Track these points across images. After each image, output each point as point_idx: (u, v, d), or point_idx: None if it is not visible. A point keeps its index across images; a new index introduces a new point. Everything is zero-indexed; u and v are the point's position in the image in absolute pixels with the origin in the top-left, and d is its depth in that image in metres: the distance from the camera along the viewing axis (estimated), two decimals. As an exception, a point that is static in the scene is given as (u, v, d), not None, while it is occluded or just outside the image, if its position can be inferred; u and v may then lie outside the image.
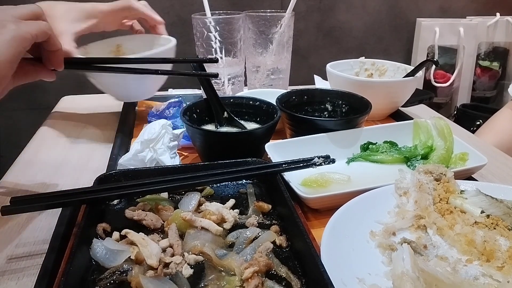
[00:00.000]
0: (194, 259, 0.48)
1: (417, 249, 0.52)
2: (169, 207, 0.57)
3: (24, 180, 0.71)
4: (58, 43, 0.53)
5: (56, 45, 0.53)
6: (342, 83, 0.95)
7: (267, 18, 0.99)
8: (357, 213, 0.56)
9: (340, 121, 0.79)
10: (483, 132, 1.18)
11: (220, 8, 1.05)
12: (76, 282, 0.44)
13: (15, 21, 0.48)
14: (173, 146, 0.72)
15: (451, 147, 0.74)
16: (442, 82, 1.89)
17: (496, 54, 1.97)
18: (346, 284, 0.44)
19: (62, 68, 0.56)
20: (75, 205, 0.59)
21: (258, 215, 0.57)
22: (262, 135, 0.73)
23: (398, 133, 0.80)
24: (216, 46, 0.99)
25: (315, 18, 1.79)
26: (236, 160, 0.64)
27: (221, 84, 1.04)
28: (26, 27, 0.48)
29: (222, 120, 0.80)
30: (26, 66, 0.55)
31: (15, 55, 0.47)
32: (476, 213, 0.56)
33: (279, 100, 0.81)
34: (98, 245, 0.48)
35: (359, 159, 0.76)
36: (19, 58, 0.48)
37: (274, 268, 0.47)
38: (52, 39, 0.52)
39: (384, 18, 1.87)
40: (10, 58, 0.46)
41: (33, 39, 0.48)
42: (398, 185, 0.61)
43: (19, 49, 0.47)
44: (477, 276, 0.47)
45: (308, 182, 0.67)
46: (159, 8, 1.58)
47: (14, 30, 0.46)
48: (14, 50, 0.46)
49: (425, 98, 1.10)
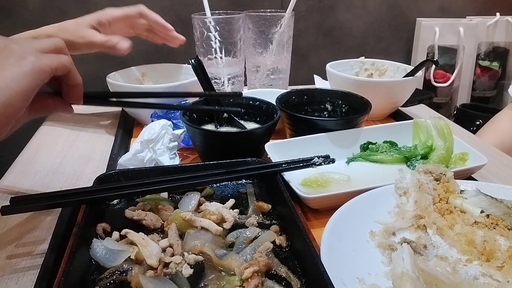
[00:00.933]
0: (194, 259, 0.48)
1: (417, 249, 0.52)
2: (169, 207, 0.57)
3: (24, 180, 0.71)
4: (78, 78, 0.52)
5: (76, 79, 0.52)
6: (342, 83, 0.95)
7: (267, 18, 0.99)
8: (357, 213, 0.56)
9: (340, 121, 0.79)
10: (484, 133, 1.18)
11: (220, 8, 1.05)
12: (76, 282, 0.43)
13: (36, 53, 0.47)
14: (173, 146, 0.72)
15: (451, 147, 0.74)
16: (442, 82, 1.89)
17: (496, 54, 1.96)
18: (346, 284, 0.44)
19: (81, 102, 0.55)
20: (75, 205, 0.59)
21: (258, 215, 0.57)
22: (262, 135, 0.73)
23: (398, 133, 0.80)
24: (216, 46, 0.99)
25: (315, 18, 1.79)
26: (236, 160, 0.64)
27: (221, 84, 1.04)
28: (46, 60, 0.47)
29: (222, 120, 0.80)
30: (44, 99, 0.53)
31: (31, 88, 0.45)
32: (476, 213, 0.56)
33: (279, 100, 0.81)
34: (98, 245, 0.48)
35: (359, 159, 0.76)
36: (35, 91, 0.46)
37: (274, 268, 0.47)
38: (72, 73, 0.51)
39: (384, 18, 1.87)
40: (25, 91, 0.45)
41: (52, 73, 0.47)
42: (398, 185, 0.61)
43: (36, 82, 0.46)
44: (477, 276, 0.47)
45: (308, 182, 0.67)
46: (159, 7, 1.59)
47: (33, 62, 0.45)
48: (30, 83, 0.45)
49: (425, 98, 1.10)
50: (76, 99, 0.54)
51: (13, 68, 0.44)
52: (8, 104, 0.43)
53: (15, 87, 0.44)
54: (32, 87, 0.45)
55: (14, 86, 0.44)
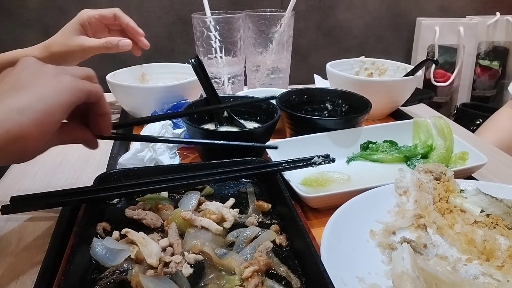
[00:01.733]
0: (194, 258, 0.48)
1: (417, 248, 0.52)
2: (169, 206, 0.57)
3: (24, 180, 0.71)
4: (108, 107, 0.53)
5: (105, 108, 0.52)
6: (342, 83, 0.95)
7: (267, 18, 0.99)
8: (357, 212, 0.56)
9: (340, 120, 0.79)
10: (483, 131, 1.18)
11: (220, 7, 1.05)
12: (76, 281, 0.43)
13: (71, 75, 0.48)
14: (173, 146, 0.72)
15: (451, 146, 0.74)
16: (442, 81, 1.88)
17: (496, 53, 1.96)
18: (346, 283, 0.44)
19: (109, 133, 0.55)
20: (75, 205, 0.59)
21: (258, 214, 0.57)
22: (262, 134, 0.73)
23: (398, 133, 0.80)
24: (216, 46, 0.99)
25: (315, 17, 1.79)
26: (235, 159, 0.64)
27: (221, 84, 1.04)
28: (82, 82, 0.48)
29: (222, 119, 0.80)
30: (73, 127, 0.52)
31: (70, 101, 0.45)
32: (476, 212, 0.56)
33: (279, 100, 0.81)
34: (98, 244, 0.48)
35: (359, 159, 0.76)
36: (71, 107, 0.46)
37: (274, 267, 0.47)
38: (102, 102, 0.51)
39: (384, 17, 1.87)
40: (64, 103, 0.45)
41: (87, 95, 0.48)
42: (398, 184, 0.61)
43: (74, 98, 0.46)
44: (477, 275, 0.47)
45: (308, 181, 0.67)
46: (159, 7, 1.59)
47: (71, 80, 0.46)
48: (70, 97, 0.45)
49: (425, 97, 1.10)
50: (105, 129, 0.54)
51: (52, 82, 0.45)
52: (47, 113, 0.43)
53: (55, 98, 0.44)
54: (70, 101, 0.45)
55: (54, 97, 0.44)
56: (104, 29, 0.90)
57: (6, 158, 0.42)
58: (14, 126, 0.40)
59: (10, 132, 0.40)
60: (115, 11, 0.87)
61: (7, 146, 0.40)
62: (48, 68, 0.47)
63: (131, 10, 1.59)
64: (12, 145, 0.41)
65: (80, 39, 0.83)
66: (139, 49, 0.92)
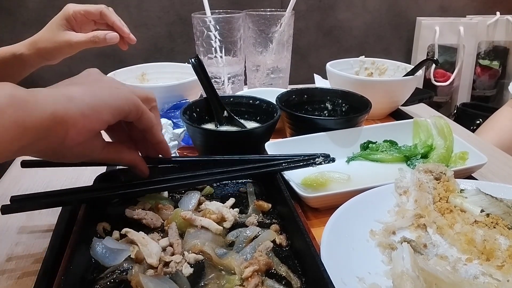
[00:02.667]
0: (194, 258, 0.48)
1: (417, 248, 0.52)
2: (169, 206, 0.57)
3: (24, 179, 0.71)
4: (161, 136, 0.54)
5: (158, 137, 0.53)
6: (342, 82, 0.95)
7: (267, 17, 0.99)
8: (357, 212, 0.56)
9: (340, 120, 0.79)
10: (483, 131, 1.18)
11: (220, 7, 1.05)
12: (76, 281, 0.44)
13: (131, 91, 0.49)
14: (173, 146, 0.72)
15: (451, 146, 0.74)
16: (442, 81, 1.89)
17: (496, 53, 1.97)
18: (346, 283, 0.44)
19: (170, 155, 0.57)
20: (75, 204, 0.58)
21: (258, 214, 0.57)
22: (262, 134, 0.73)
23: (398, 132, 0.80)
24: (216, 45, 0.99)
25: (315, 17, 1.79)
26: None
27: (221, 83, 1.04)
28: (138, 99, 0.49)
29: (222, 119, 0.80)
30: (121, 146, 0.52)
31: (121, 108, 0.46)
32: (476, 212, 0.56)
33: (279, 99, 0.81)
34: (98, 244, 0.48)
35: (359, 158, 0.76)
36: (121, 115, 0.47)
37: (274, 267, 0.47)
38: (154, 130, 0.52)
39: (384, 17, 1.87)
40: (116, 107, 0.46)
41: (139, 112, 0.48)
42: (398, 184, 0.61)
43: (125, 107, 0.46)
44: (477, 275, 0.47)
45: (308, 181, 0.67)
46: (159, 7, 1.59)
47: (129, 92, 0.48)
48: (122, 104, 0.46)
49: (425, 97, 1.10)
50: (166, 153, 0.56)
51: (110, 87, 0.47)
52: (95, 109, 0.43)
53: (107, 99, 0.45)
54: (120, 107, 0.46)
55: (106, 98, 0.45)
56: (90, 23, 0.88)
57: (46, 141, 0.41)
58: (61, 109, 0.40)
59: (55, 114, 0.40)
60: (101, 8, 0.85)
61: (50, 128, 0.40)
62: (111, 78, 0.50)
63: (131, 10, 1.59)
64: (54, 129, 0.40)
65: (67, 34, 0.82)
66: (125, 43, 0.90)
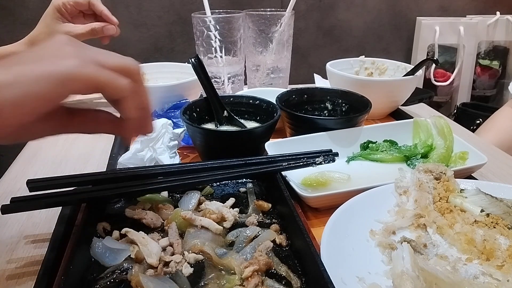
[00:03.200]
0: (194, 258, 0.48)
1: (417, 248, 0.52)
2: (169, 206, 0.57)
3: (24, 179, 0.71)
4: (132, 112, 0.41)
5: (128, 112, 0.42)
6: (342, 82, 0.95)
7: (267, 17, 0.99)
8: (357, 212, 0.56)
9: (340, 120, 0.79)
10: (483, 131, 1.18)
11: (220, 7, 1.05)
12: (76, 281, 0.44)
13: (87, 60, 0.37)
14: (173, 145, 0.72)
15: (451, 146, 0.74)
16: (442, 81, 1.89)
17: (496, 53, 1.97)
18: (346, 283, 0.44)
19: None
20: (75, 204, 0.59)
21: (258, 214, 0.57)
22: (262, 134, 0.73)
23: (398, 132, 0.80)
24: (216, 45, 0.99)
25: (315, 17, 1.79)
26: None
27: (221, 83, 1.04)
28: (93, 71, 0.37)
29: (222, 119, 0.80)
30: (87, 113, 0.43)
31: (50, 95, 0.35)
32: (476, 212, 0.56)
33: (279, 99, 0.81)
34: (98, 244, 0.48)
35: (359, 158, 0.76)
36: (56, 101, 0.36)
37: (274, 267, 0.47)
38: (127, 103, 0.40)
39: (384, 17, 1.87)
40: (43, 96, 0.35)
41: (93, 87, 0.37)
42: (398, 184, 0.61)
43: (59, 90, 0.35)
44: (477, 275, 0.47)
45: (308, 181, 0.67)
46: (159, 6, 1.59)
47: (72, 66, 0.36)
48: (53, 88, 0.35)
49: (425, 97, 1.10)
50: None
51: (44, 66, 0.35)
52: (15, 103, 0.34)
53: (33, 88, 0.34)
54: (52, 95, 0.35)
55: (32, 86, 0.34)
56: (79, 15, 0.89)
57: None
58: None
59: None
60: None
61: None
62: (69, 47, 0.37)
63: (131, 10, 1.59)
64: None
65: (66, 26, 0.82)
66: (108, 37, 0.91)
